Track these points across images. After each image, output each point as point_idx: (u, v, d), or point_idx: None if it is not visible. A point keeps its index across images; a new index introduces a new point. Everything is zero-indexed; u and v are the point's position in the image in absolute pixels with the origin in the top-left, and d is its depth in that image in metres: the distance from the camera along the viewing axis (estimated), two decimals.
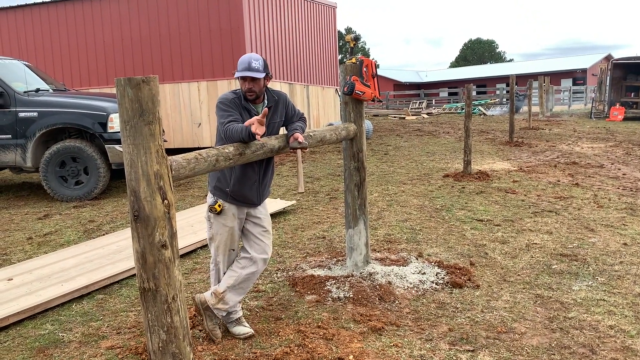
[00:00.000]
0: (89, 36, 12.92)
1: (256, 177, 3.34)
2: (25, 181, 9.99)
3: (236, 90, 3.31)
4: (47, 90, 8.48)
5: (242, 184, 3.28)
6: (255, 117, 3.01)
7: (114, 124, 7.75)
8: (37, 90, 8.26)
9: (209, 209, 3.33)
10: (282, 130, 3.52)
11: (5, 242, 5.84)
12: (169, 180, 2.27)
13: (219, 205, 3.28)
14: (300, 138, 3.27)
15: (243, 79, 3.21)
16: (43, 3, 13.30)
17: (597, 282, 4.22)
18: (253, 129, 2.93)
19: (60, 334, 3.56)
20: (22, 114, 7.89)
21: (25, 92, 8.07)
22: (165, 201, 2.24)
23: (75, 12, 12.98)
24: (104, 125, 7.76)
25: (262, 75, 3.20)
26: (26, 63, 9.14)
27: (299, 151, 3.29)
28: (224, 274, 3.43)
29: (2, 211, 7.53)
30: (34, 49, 13.39)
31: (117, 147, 7.68)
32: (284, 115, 3.46)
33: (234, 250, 3.42)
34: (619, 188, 7.72)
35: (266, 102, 3.35)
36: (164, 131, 11.27)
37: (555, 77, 41.02)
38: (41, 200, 8.11)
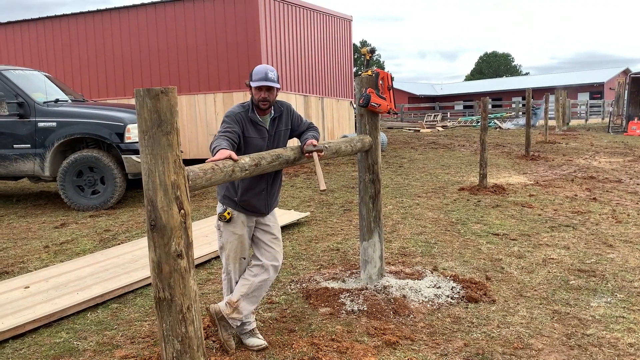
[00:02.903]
0: (108, 48, 13.13)
1: (264, 186, 3.37)
2: (42, 190, 10.12)
3: (244, 103, 3.38)
4: (66, 101, 8.61)
5: (250, 193, 3.32)
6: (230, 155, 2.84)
7: (131, 134, 7.84)
8: (57, 100, 8.39)
9: (218, 217, 3.36)
10: (294, 142, 3.54)
11: (23, 250, 5.91)
12: (186, 190, 2.28)
13: (229, 213, 3.31)
14: (315, 142, 3.35)
15: (259, 88, 3.26)
16: (63, 16, 13.56)
17: (616, 299, 4.14)
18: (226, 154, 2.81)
19: (75, 343, 3.58)
20: (41, 124, 8.01)
21: (44, 102, 8.20)
22: (182, 211, 2.25)
23: (95, 24, 13.21)
24: (121, 135, 7.85)
25: (278, 85, 3.26)
26: (46, 74, 9.30)
27: (315, 154, 3.31)
28: (236, 283, 3.44)
29: (19, 220, 7.62)
30: (54, 61, 13.64)
31: (134, 157, 7.76)
32: (289, 123, 3.52)
33: (244, 258, 3.43)
34: (637, 203, 7.61)
35: (273, 112, 3.40)
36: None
37: (572, 90, 40.71)
38: (58, 209, 8.20)
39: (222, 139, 3.04)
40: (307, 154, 3.32)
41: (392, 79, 4.34)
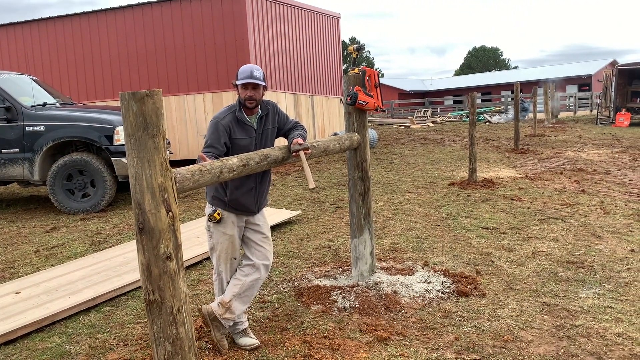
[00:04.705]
0: (95, 50, 13.07)
1: (252, 185, 3.39)
2: (32, 194, 10.06)
3: (231, 105, 3.40)
4: (54, 104, 8.56)
5: (239, 192, 3.34)
6: None
7: (120, 136, 7.81)
8: (44, 104, 8.34)
9: (208, 218, 3.37)
10: (281, 142, 3.55)
11: (13, 255, 5.88)
12: (174, 192, 2.29)
13: (218, 214, 3.32)
14: (301, 141, 3.38)
15: (244, 87, 3.29)
16: (50, 18, 13.47)
17: (604, 290, 4.20)
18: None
19: (67, 347, 3.58)
20: (29, 128, 7.97)
21: (32, 106, 8.16)
22: (170, 213, 2.26)
23: (82, 27, 13.14)
24: (110, 138, 7.82)
25: (263, 83, 3.30)
26: (33, 78, 9.24)
27: (301, 153, 3.34)
28: (228, 283, 3.46)
29: (10, 224, 7.58)
30: (41, 64, 13.55)
31: (123, 159, 7.73)
32: (276, 122, 3.55)
33: (235, 258, 3.45)
34: (625, 194, 7.69)
35: (260, 111, 3.42)
36: (169, 143, 11.18)
37: (561, 83, 40.91)
38: (49, 213, 8.16)
39: (208, 152, 3.11)
40: (294, 153, 3.35)
41: (379, 76, 4.36)
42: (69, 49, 13.29)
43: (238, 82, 3.31)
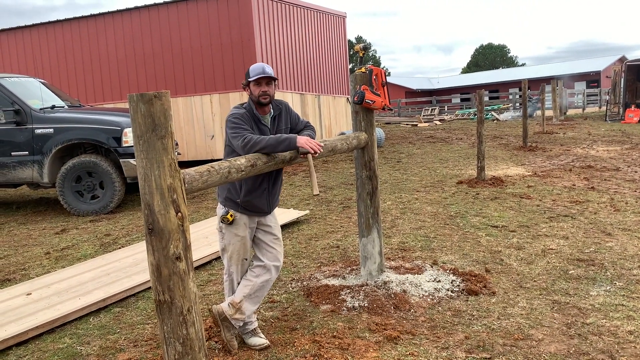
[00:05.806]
0: (103, 53, 13.13)
1: (266, 186, 3.39)
2: (42, 197, 10.13)
3: (243, 104, 3.39)
4: (63, 107, 8.61)
5: (252, 194, 3.34)
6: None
7: (128, 138, 7.85)
8: (53, 107, 8.40)
9: (220, 220, 3.37)
10: None
11: (24, 257, 5.93)
12: (182, 193, 2.30)
13: (231, 215, 3.33)
14: None
15: (258, 82, 3.28)
16: (57, 21, 13.56)
17: (615, 287, 4.17)
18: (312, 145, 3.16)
19: (78, 348, 3.60)
20: (38, 131, 8.02)
21: (41, 109, 8.21)
22: (179, 214, 2.26)
23: (89, 29, 13.21)
24: (118, 139, 7.86)
25: (276, 77, 3.32)
26: (42, 80, 9.31)
27: (309, 155, 3.34)
28: (238, 284, 3.46)
29: (20, 227, 7.64)
30: (49, 67, 13.64)
31: (131, 161, 7.77)
32: (289, 122, 3.54)
33: (246, 259, 3.46)
34: (635, 191, 7.63)
35: (272, 111, 3.42)
36: (177, 144, 11.20)
37: (569, 80, 40.67)
38: (58, 215, 8.22)
39: (259, 136, 3.15)
40: (302, 154, 3.34)
41: (385, 75, 4.36)
42: (77, 51, 13.37)
43: (251, 79, 3.29)
